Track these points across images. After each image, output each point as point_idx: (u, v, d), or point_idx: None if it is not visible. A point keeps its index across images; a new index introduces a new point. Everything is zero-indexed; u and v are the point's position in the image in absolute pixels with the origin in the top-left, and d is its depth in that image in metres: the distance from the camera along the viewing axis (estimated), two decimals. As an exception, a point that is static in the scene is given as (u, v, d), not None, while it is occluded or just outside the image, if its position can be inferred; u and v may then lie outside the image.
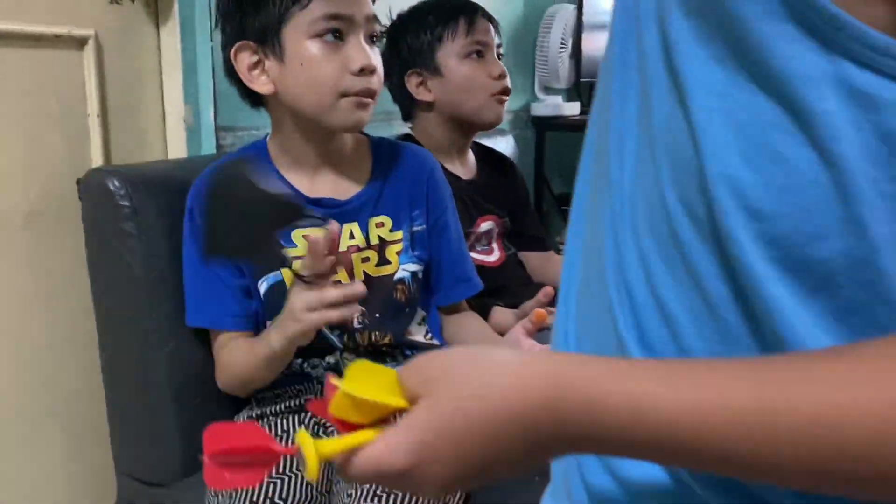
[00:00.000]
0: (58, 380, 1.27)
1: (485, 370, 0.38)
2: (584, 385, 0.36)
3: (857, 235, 0.35)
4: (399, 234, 1.15)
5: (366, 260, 1.12)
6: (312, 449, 0.40)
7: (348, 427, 0.42)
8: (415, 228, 1.17)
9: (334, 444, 0.40)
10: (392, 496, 0.90)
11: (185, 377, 1.14)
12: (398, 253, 1.14)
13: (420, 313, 1.20)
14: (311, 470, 0.40)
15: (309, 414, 1.09)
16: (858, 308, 0.36)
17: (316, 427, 1.08)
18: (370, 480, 0.38)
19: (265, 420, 1.08)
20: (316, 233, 1.11)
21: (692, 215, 0.39)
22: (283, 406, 1.09)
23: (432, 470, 0.36)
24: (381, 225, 1.14)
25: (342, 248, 1.11)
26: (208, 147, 1.39)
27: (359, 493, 0.91)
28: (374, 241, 1.13)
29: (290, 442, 1.02)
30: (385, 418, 0.41)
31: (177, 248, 1.11)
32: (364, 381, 0.40)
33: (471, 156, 1.58)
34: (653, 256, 0.41)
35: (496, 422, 0.36)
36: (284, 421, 1.07)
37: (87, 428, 1.31)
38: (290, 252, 1.10)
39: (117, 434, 1.21)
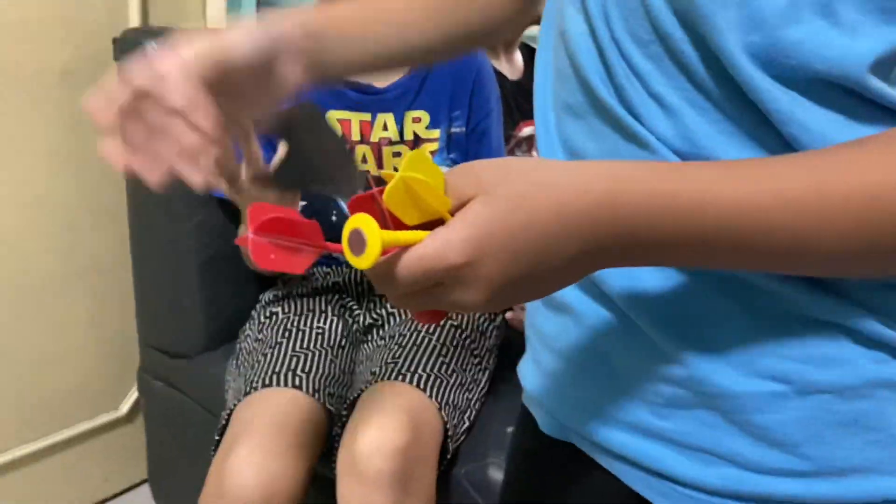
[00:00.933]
0: (86, 245, 1.26)
1: (544, 169, 0.36)
2: (642, 182, 0.35)
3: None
4: (436, 133, 1.10)
5: (397, 155, 1.08)
6: (377, 232, 0.36)
7: (397, 224, 0.38)
8: (453, 130, 1.12)
9: (393, 235, 0.36)
10: (417, 374, 0.89)
11: (212, 251, 1.12)
12: (432, 153, 1.10)
13: None
14: (371, 252, 0.35)
15: (335, 296, 1.07)
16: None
17: (342, 310, 1.07)
18: (415, 283, 0.34)
19: (290, 299, 1.08)
20: (349, 116, 1.08)
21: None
22: (309, 288, 1.08)
23: (485, 269, 0.34)
24: (418, 120, 1.10)
25: (374, 139, 1.08)
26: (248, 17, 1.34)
27: (382, 371, 0.90)
28: (409, 136, 1.09)
29: (315, 322, 1.02)
30: (433, 223, 0.37)
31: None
32: (422, 174, 0.36)
33: (518, 55, 1.51)
34: (637, 58, 0.40)
35: (556, 215, 0.34)
36: (310, 302, 1.06)
37: (113, 297, 1.32)
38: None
39: (143, 305, 1.22)
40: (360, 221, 0.36)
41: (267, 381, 0.89)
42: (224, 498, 0.79)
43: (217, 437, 0.92)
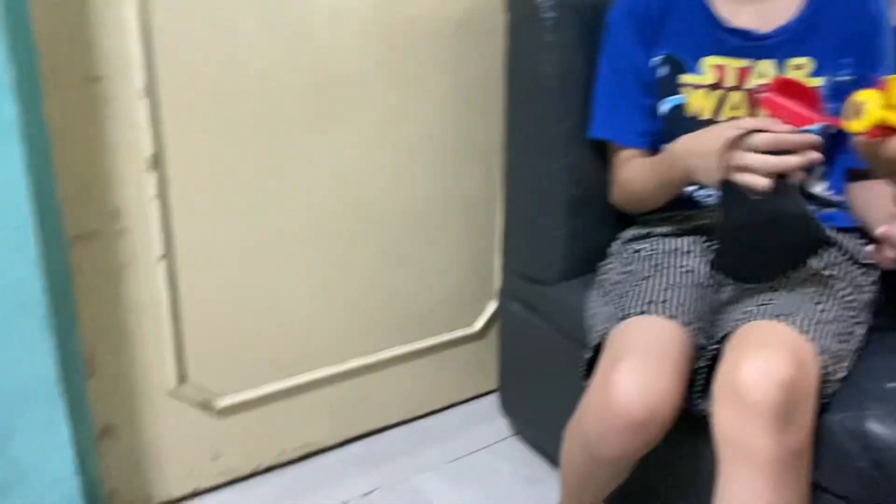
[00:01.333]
0: (462, 179, 1.44)
1: None
2: None
3: None
4: (818, 81, 1.06)
5: None
6: (878, 104, 0.45)
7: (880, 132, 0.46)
8: (839, 78, 1.07)
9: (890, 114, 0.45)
10: (795, 317, 0.89)
11: (579, 190, 1.22)
12: None
13: (822, 168, 1.13)
14: (869, 118, 0.45)
15: (700, 238, 1.10)
16: None
17: (707, 252, 1.09)
18: None
19: (651, 238, 1.13)
20: (726, 63, 1.08)
21: None
22: (672, 228, 1.12)
23: None
24: (800, 67, 1.06)
25: (749, 86, 1.07)
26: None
27: (757, 311, 0.91)
28: None
29: (681, 261, 1.06)
30: None
31: (592, 62, 1.16)
32: None
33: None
34: None
35: None
36: (675, 241, 1.10)
37: (481, 226, 1.49)
38: (691, 79, 1.09)
39: (509, 234, 1.36)
40: (865, 95, 0.45)
41: (642, 309, 0.96)
42: (610, 410, 0.87)
43: (588, 357, 1.01)
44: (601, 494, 1.08)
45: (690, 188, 1.11)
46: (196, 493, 1.32)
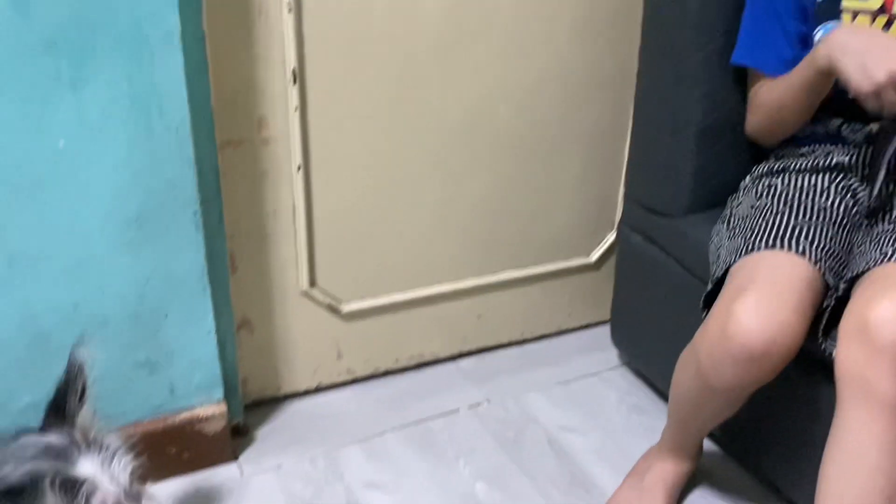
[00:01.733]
0: (586, 111, 1.42)
1: None
2: None
3: None
4: None
5: None
6: None
7: None
8: None
9: None
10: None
11: (711, 121, 1.18)
12: None
13: None
14: None
15: (838, 175, 1.05)
16: None
17: (844, 190, 1.05)
18: None
19: (785, 174, 1.09)
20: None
21: None
22: (808, 164, 1.08)
23: None
24: None
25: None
26: None
27: (894, 253, 0.88)
28: None
29: (816, 198, 1.02)
30: None
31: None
32: None
33: None
34: None
35: None
36: (811, 177, 1.06)
37: (603, 157, 1.48)
38: (854, 4, 1.02)
39: (635, 165, 1.34)
40: None
41: (771, 244, 0.94)
42: (728, 338, 0.88)
43: (708, 290, 1.01)
44: (710, 425, 1.08)
45: (838, 120, 1.06)
46: (320, 388, 1.43)
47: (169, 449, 1.18)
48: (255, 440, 1.31)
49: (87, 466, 0.82)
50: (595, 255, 1.56)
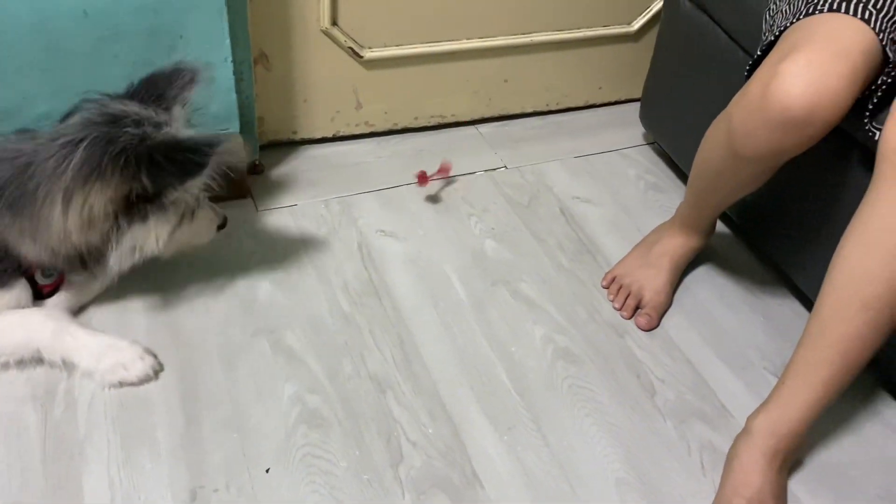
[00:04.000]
0: None
1: None
2: None
3: None
4: None
5: None
6: None
7: None
8: None
9: None
10: None
11: None
12: None
13: None
14: None
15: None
16: None
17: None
18: None
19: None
20: None
21: None
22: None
23: None
24: None
25: None
26: None
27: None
28: None
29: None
30: None
31: None
32: None
33: None
34: None
35: None
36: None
37: None
38: None
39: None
40: None
41: (834, 6, 0.86)
42: (768, 100, 0.82)
43: (757, 55, 0.94)
44: (728, 200, 1.07)
45: None
46: (337, 137, 1.41)
47: (184, 176, 1.18)
48: (271, 180, 1.31)
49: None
50: (637, 24, 1.46)
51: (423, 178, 1.29)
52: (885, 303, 0.80)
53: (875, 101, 0.87)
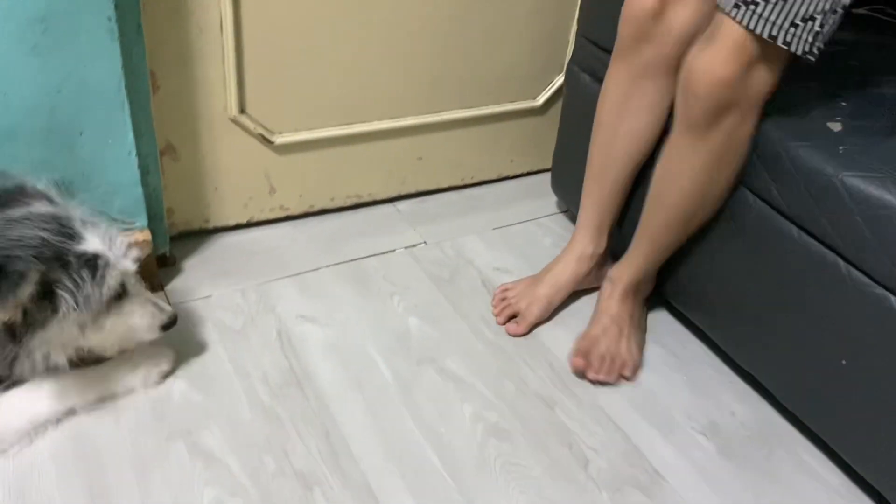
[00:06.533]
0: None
1: None
2: None
3: None
4: None
5: None
6: None
7: None
8: None
9: None
10: None
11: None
12: None
13: None
14: None
15: None
16: None
17: None
18: None
19: None
20: None
21: None
22: None
23: None
24: None
25: None
26: None
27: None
28: None
29: None
30: None
31: None
32: None
33: None
34: None
35: None
36: None
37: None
38: None
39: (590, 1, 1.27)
40: None
41: None
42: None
43: None
44: (626, 165, 1.18)
45: None
46: (251, 224, 1.38)
47: (90, 275, 1.13)
48: (183, 271, 1.27)
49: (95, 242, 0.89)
50: (542, 98, 1.52)
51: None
52: (689, 203, 1.07)
53: None
